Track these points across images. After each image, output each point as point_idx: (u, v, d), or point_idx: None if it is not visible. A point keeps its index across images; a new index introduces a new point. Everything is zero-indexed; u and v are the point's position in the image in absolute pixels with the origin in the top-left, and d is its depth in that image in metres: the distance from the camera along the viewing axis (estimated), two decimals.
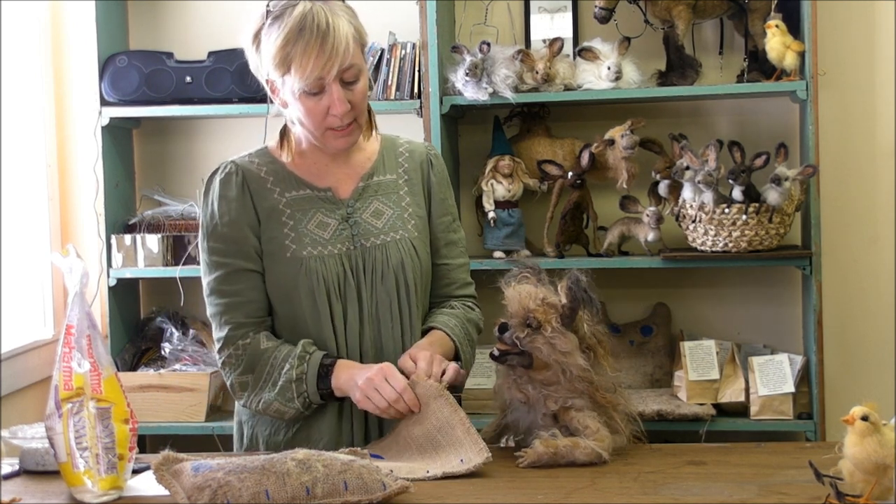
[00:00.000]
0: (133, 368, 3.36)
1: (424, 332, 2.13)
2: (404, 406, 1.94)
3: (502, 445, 2.03)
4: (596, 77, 3.15)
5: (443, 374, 1.99)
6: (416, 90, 3.24)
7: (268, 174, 2.12)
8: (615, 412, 1.95)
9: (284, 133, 2.14)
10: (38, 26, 3.39)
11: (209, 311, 2.11)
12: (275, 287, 2.08)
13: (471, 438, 1.88)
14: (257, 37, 2.03)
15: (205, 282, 2.11)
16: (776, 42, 3.04)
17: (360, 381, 1.96)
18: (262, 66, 2.05)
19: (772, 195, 2.98)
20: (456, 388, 2.13)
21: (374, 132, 2.19)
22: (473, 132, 3.46)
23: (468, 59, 3.12)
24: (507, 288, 1.94)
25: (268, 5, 2.02)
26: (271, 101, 2.12)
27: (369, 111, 2.16)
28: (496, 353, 1.92)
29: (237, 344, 2.06)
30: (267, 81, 2.07)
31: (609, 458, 1.87)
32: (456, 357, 2.14)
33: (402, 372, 1.99)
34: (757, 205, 2.99)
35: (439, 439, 1.90)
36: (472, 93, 3.13)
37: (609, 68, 3.12)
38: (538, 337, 1.88)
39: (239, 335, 2.07)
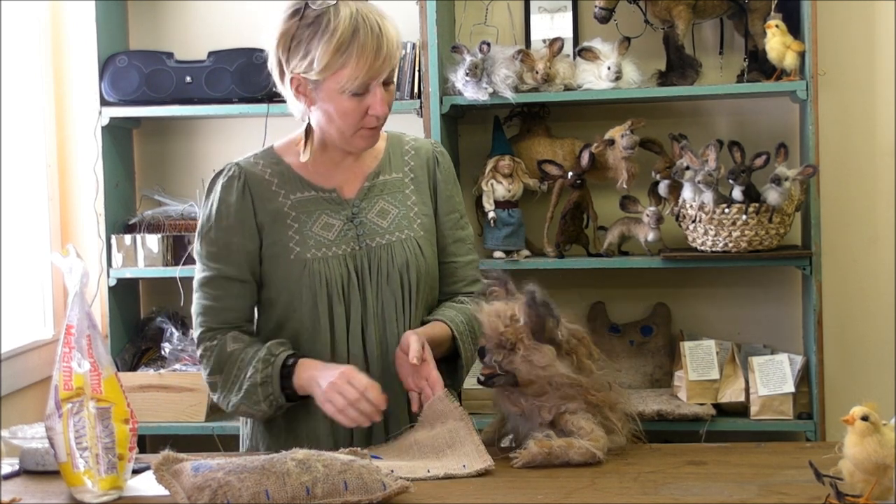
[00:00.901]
0: (133, 368, 3.36)
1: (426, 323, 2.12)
2: (367, 406, 1.91)
3: (503, 445, 2.02)
4: (596, 77, 3.15)
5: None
6: (416, 90, 3.24)
7: (273, 176, 2.11)
8: (611, 411, 1.94)
9: (309, 132, 2.10)
10: (38, 26, 3.39)
11: (192, 306, 2.13)
12: (279, 290, 2.08)
13: (476, 449, 1.88)
14: (289, 37, 1.99)
15: (195, 276, 2.13)
16: (776, 42, 3.04)
17: (322, 383, 1.94)
18: (299, 65, 1.99)
19: (772, 195, 2.98)
20: (455, 385, 2.14)
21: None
22: (473, 132, 3.46)
23: (468, 59, 3.12)
24: (478, 310, 1.93)
25: (305, 5, 1.98)
26: (272, 100, 2.11)
27: None
28: (481, 378, 1.92)
29: (205, 346, 2.08)
30: (293, 80, 2.03)
31: (604, 458, 1.86)
32: (455, 353, 2.13)
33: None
34: (757, 205, 2.99)
35: (448, 453, 1.90)
36: (472, 93, 3.13)
37: (609, 68, 3.12)
38: (515, 357, 1.87)
39: (207, 337, 2.09)
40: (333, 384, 1.93)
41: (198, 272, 2.11)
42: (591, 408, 1.91)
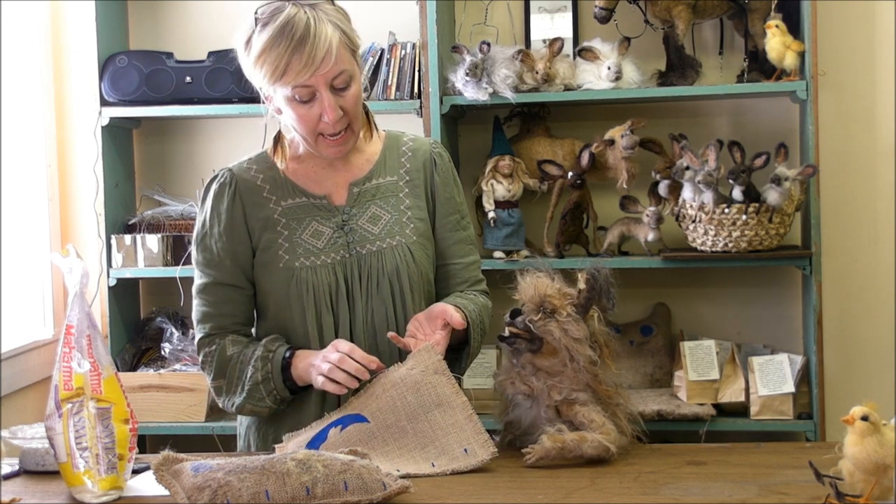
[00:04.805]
0: (133, 368, 3.36)
1: None
2: (351, 364, 1.91)
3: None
4: (596, 77, 3.15)
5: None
6: (416, 90, 3.23)
7: (264, 182, 2.11)
8: (617, 409, 1.95)
9: (278, 139, 2.13)
10: (38, 26, 3.39)
11: (192, 312, 2.14)
12: (268, 297, 2.09)
13: (473, 426, 1.88)
14: (249, 43, 2.01)
15: (194, 282, 2.14)
16: (776, 42, 3.04)
17: (316, 362, 1.96)
18: (252, 75, 2.04)
19: (772, 195, 2.98)
20: (456, 369, 2.09)
21: (374, 133, 2.17)
22: (473, 132, 3.46)
23: (468, 59, 3.12)
24: (521, 279, 1.95)
25: (256, 11, 2.00)
26: (265, 102, 2.11)
27: (368, 113, 2.14)
28: (504, 335, 1.93)
29: (205, 350, 2.10)
30: (260, 88, 2.06)
31: (616, 451, 1.86)
32: (466, 340, 2.10)
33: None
34: (757, 205, 2.99)
35: (438, 419, 1.89)
36: (472, 93, 3.13)
37: (609, 68, 3.12)
38: (551, 322, 1.90)
39: (206, 342, 2.10)
40: (322, 356, 1.95)
41: (196, 277, 2.13)
42: (600, 402, 1.92)
